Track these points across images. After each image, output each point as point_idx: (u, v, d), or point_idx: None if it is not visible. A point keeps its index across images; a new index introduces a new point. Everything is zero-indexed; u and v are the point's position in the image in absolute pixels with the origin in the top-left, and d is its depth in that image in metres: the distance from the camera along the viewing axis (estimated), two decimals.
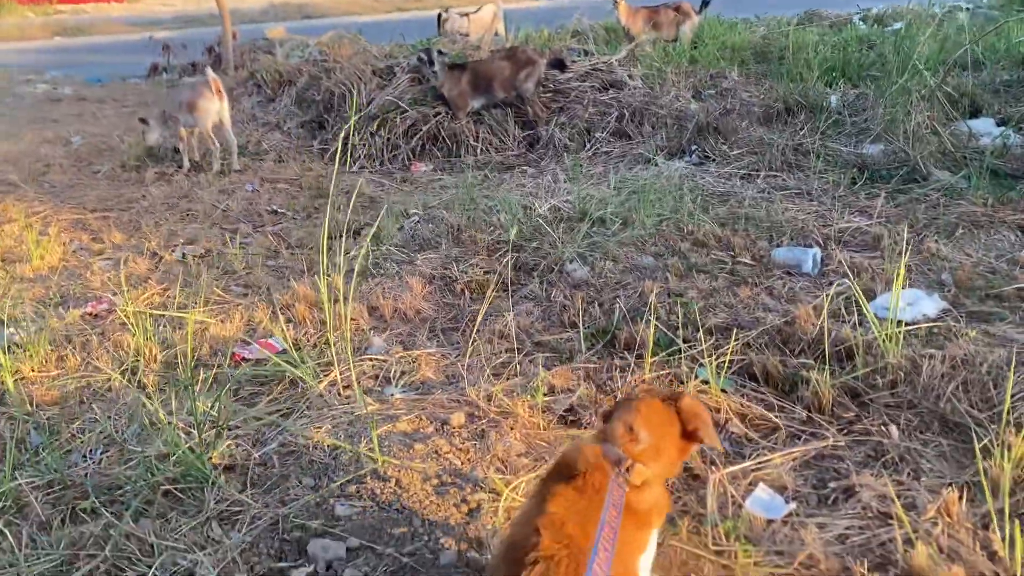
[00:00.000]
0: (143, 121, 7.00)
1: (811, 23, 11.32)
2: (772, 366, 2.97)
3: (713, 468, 2.52)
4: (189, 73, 11.78)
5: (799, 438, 2.70)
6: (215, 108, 6.50)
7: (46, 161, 7.38)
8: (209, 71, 6.68)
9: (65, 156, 7.58)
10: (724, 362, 2.95)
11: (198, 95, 6.49)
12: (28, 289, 4.39)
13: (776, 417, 2.78)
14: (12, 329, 3.73)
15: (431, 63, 6.76)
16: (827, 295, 3.29)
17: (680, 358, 3.08)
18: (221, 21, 11.71)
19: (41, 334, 3.62)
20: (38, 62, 15.77)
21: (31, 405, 3.10)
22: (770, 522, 2.30)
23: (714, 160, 5.59)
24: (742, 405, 2.84)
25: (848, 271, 3.58)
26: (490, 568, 1.78)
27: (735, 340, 3.05)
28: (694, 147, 5.84)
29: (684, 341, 3.17)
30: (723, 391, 2.86)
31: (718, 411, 2.81)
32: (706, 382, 2.92)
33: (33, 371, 3.44)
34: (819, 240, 4.09)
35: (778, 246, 4.03)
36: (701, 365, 3.04)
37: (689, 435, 1.82)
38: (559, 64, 6.97)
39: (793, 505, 2.36)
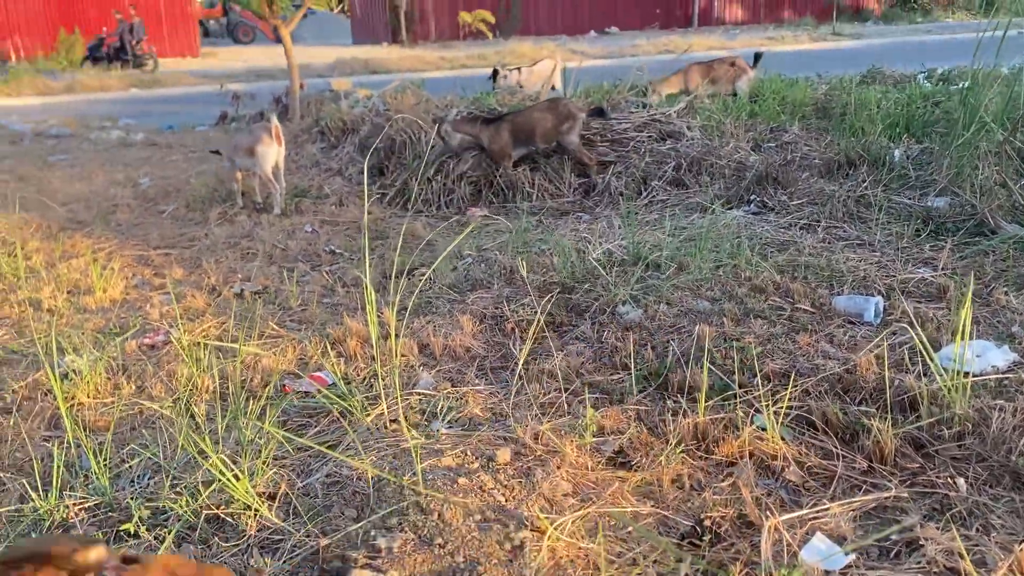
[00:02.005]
0: (216, 152, 7.32)
1: (874, 81, 11.22)
2: (832, 414, 2.85)
3: (768, 515, 2.41)
4: (256, 121, 12.15)
5: (859, 488, 2.58)
6: (273, 153, 6.69)
7: (114, 201, 7.64)
8: (273, 118, 6.88)
9: (133, 197, 7.84)
10: (782, 408, 2.85)
11: (257, 140, 6.70)
12: (89, 320, 4.50)
13: (835, 466, 2.67)
14: (71, 357, 3.81)
15: (438, 127, 6.88)
16: (889, 344, 3.17)
17: (736, 403, 2.99)
18: (289, 74, 12.10)
19: (98, 363, 3.69)
20: (114, 111, 16.46)
21: (83, 430, 3.14)
22: (828, 573, 2.19)
23: (773, 210, 5.51)
24: (800, 452, 2.73)
25: (912, 320, 3.45)
26: None
27: (793, 386, 2.95)
28: (753, 197, 5.77)
29: (740, 386, 3.08)
30: (781, 438, 2.76)
31: (775, 458, 2.71)
32: (763, 428, 2.82)
33: (88, 398, 3.50)
34: (881, 290, 3.97)
35: (838, 294, 3.92)
36: (757, 411, 2.94)
37: None
38: (600, 112, 6.99)
39: (852, 557, 2.24)
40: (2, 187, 8.57)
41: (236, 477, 2.51)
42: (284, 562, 2.29)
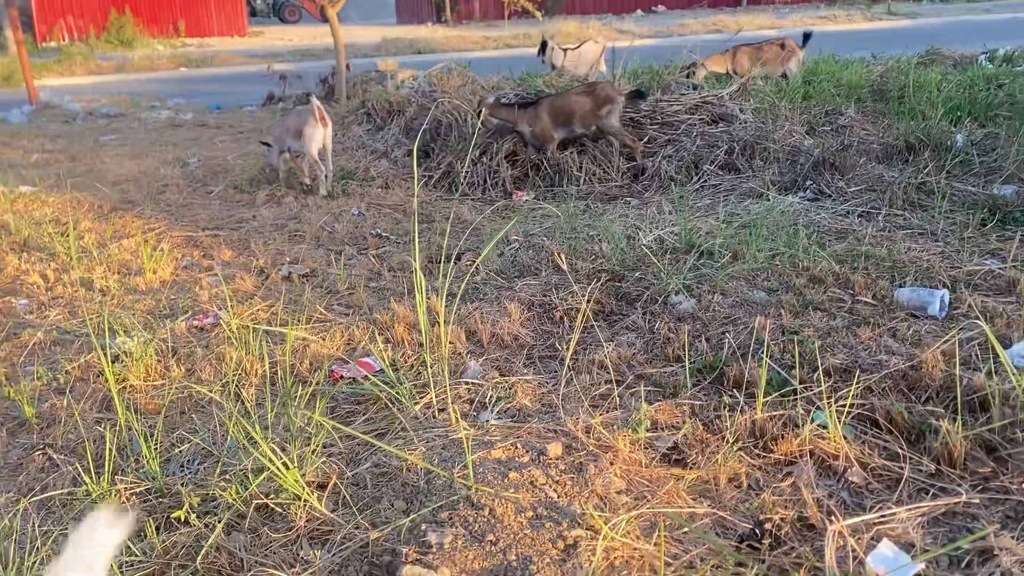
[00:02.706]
0: (265, 144, 7.35)
1: (932, 63, 10.86)
2: (896, 413, 2.74)
3: (831, 518, 2.32)
4: (303, 102, 12.18)
5: (927, 492, 2.47)
6: (320, 134, 6.68)
7: (164, 181, 7.71)
8: (313, 99, 6.87)
9: (182, 177, 7.90)
10: (844, 406, 2.75)
11: (303, 122, 6.69)
12: (140, 301, 4.53)
13: (900, 468, 2.56)
14: (123, 339, 3.83)
15: (478, 114, 6.82)
16: (957, 339, 3.04)
17: (795, 399, 2.89)
18: (336, 54, 12.10)
19: (149, 345, 3.71)
20: (163, 91, 16.67)
21: (134, 413, 3.15)
22: None
23: (830, 196, 5.35)
24: (863, 452, 2.63)
25: (980, 315, 3.31)
26: None
27: (856, 383, 2.84)
28: (808, 182, 5.61)
29: (800, 382, 2.98)
30: (843, 437, 2.65)
31: (836, 458, 2.61)
32: (823, 426, 2.72)
33: (139, 380, 3.52)
34: (946, 282, 3.82)
35: (901, 286, 3.78)
36: (818, 408, 2.84)
37: None
38: (639, 95, 6.85)
39: (922, 566, 2.14)
40: (55, 166, 8.71)
41: (286, 466, 2.49)
42: (334, 555, 2.27)
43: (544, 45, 10.32)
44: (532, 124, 6.68)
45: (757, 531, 2.30)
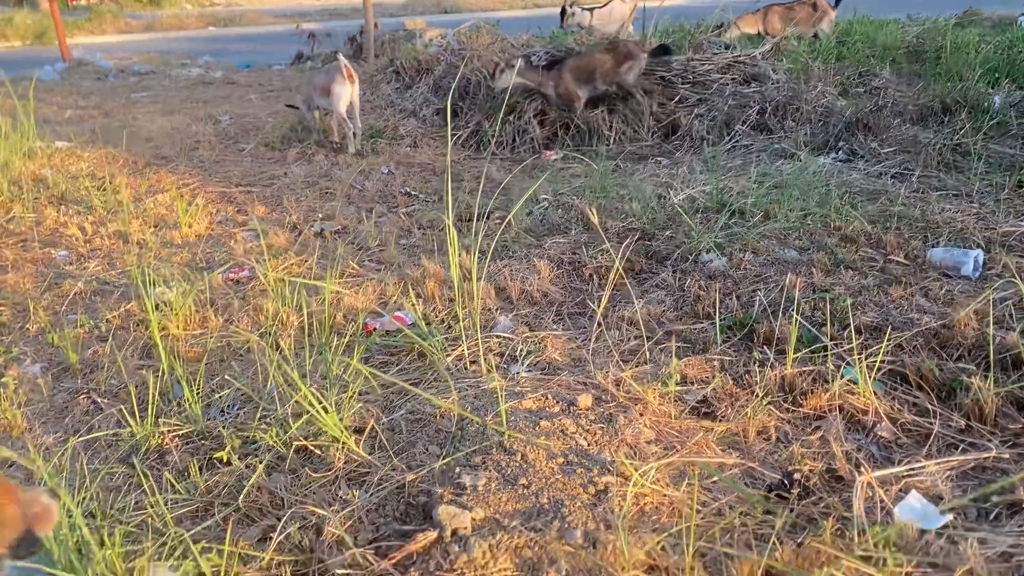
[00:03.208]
0: (291, 107, 7.41)
1: (971, 24, 10.63)
2: (927, 370, 2.75)
3: (860, 471, 2.35)
4: (331, 60, 12.17)
5: (956, 447, 2.49)
6: (347, 92, 6.72)
7: (196, 138, 7.77)
8: (341, 56, 6.88)
9: (214, 134, 7.96)
10: (875, 363, 2.76)
11: (331, 80, 6.73)
12: (176, 253, 4.62)
13: (930, 423, 2.58)
14: (161, 289, 3.91)
15: (492, 77, 6.82)
16: (991, 299, 3.03)
17: (826, 355, 2.90)
18: (364, 13, 12.05)
19: (187, 295, 3.78)
20: (192, 49, 16.69)
21: (176, 360, 3.23)
22: (923, 532, 2.12)
23: (863, 157, 5.30)
24: (893, 408, 2.65)
25: (1016, 275, 3.29)
26: None
27: (887, 340, 2.85)
28: (841, 143, 5.55)
29: (830, 339, 2.99)
30: (873, 393, 2.67)
31: (866, 413, 2.63)
32: (853, 382, 2.74)
33: (178, 329, 3.60)
34: (980, 243, 3.79)
35: (934, 246, 3.76)
36: (848, 364, 2.86)
37: None
38: (664, 51, 6.80)
39: (949, 517, 2.17)
40: (90, 122, 8.80)
41: (325, 410, 2.56)
42: (371, 495, 2.34)
43: (563, 12, 10.24)
44: (557, 85, 6.66)
45: (786, 481, 2.34)
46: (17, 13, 22.16)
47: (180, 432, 2.76)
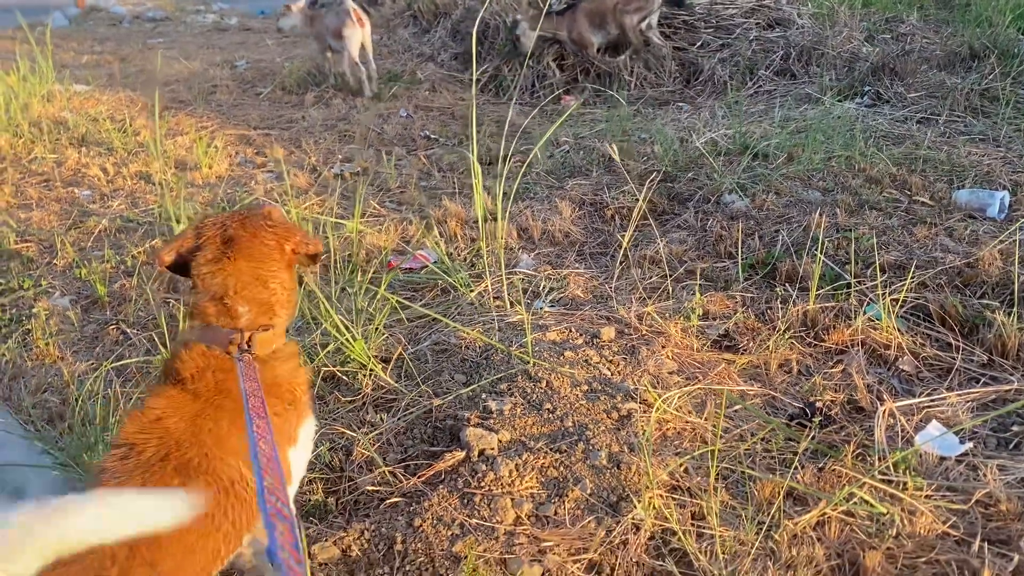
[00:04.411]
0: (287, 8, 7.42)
1: None
2: (951, 306, 2.75)
3: (881, 401, 2.37)
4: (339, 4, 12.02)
5: (977, 381, 2.51)
6: (358, 36, 6.75)
7: (214, 82, 7.74)
8: (347, 1, 6.85)
9: (231, 79, 7.93)
10: (898, 299, 2.77)
11: (342, 23, 6.72)
12: (198, 193, 4.64)
13: (952, 358, 2.59)
14: (183, 226, 3.94)
15: (512, 30, 6.71)
16: (1016, 240, 3.02)
17: (848, 293, 2.91)
18: None
19: None
20: None
21: None
22: (943, 459, 2.15)
23: (888, 102, 5.23)
24: (915, 343, 2.66)
25: None
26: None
27: (911, 278, 2.85)
28: (867, 88, 5.47)
29: (853, 277, 2.99)
30: (896, 329, 2.68)
31: (888, 347, 2.65)
32: (876, 318, 2.75)
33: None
34: (1007, 185, 3.76)
35: (959, 188, 3.73)
36: (871, 301, 2.86)
37: (293, 253, 1.59)
38: (676, 2, 6.69)
39: (969, 445, 2.20)
40: (106, 67, 8.78)
41: (353, 338, 2.59)
42: (399, 419, 2.38)
43: None
44: (571, 30, 6.58)
45: (807, 410, 2.37)
46: None
47: None
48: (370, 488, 2.12)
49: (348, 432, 2.31)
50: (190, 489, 1.30)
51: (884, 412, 2.28)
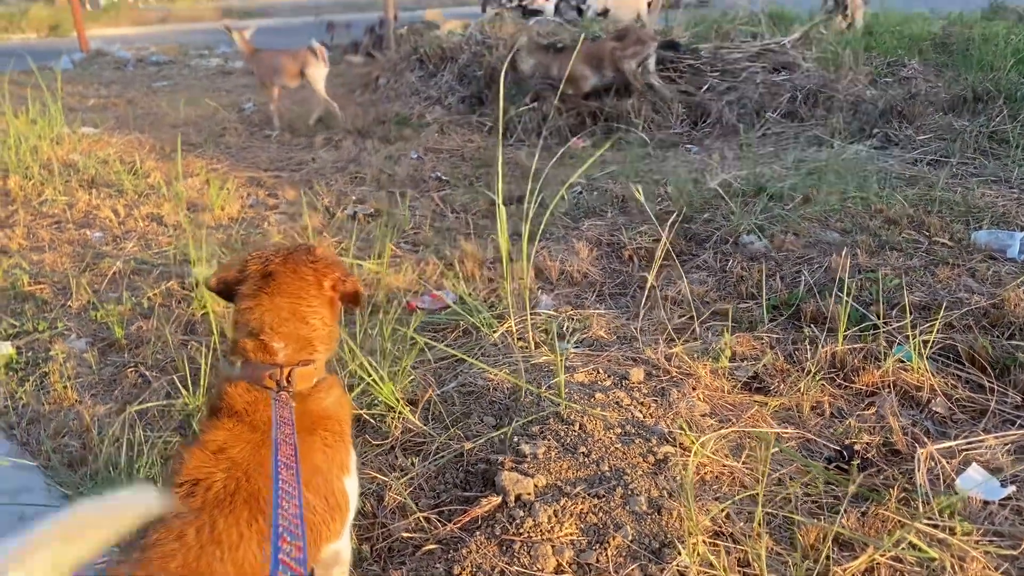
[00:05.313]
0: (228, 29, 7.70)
1: (996, 16, 10.56)
2: (980, 347, 2.74)
3: (918, 444, 2.34)
4: (351, 52, 12.17)
5: (1013, 423, 2.48)
6: (323, 72, 7.25)
7: (222, 125, 7.79)
8: (314, 41, 7.30)
9: (239, 121, 7.98)
10: (926, 340, 2.75)
11: (306, 63, 7.16)
12: (211, 235, 4.63)
13: (986, 399, 2.57)
14: (199, 268, 3.92)
15: (515, 67, 6.90)
16: None
17: (875, 334, 2.89)
18: (383, 4, 12.03)
19: None
20: (209, 41, 16.72)
21: (221, 336, 3.24)
22: (986, 503, 2.12)
23: (898, 144, 5.27)
24: (947, 384, 2.64)
25: None
26: None
27: (939, 319, 2.84)
28: (876, 131, 5.53)
29: (878, 317, 2.98)
30: (927, 370, 2.66)
31: (919, 389, 2.62)
32: (905, 359, 2.73)
33: (219, 307, 3.61)
34: (1023, 226, 3.77)
35: (976, 230, 3.74)
36: (899, 343, 2.85)
37: (333, 289, 1.58)
38: (673, 46, 6.82)
39: (1012, 488, 2.17)
40: (113, 110, 8.84)
41: (381, 379, 2.56)
42: (430, 462, 2.34)
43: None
44: (561, 68, 6.69)
45: (845, 453, 2.34)
46: (33, 6, 22.27)
47: None
48: (405, 534, 2.07)
49: (379, 476, 2.27)
50: (261, 523, 1.27)
51: (925, 455, 2.25)
